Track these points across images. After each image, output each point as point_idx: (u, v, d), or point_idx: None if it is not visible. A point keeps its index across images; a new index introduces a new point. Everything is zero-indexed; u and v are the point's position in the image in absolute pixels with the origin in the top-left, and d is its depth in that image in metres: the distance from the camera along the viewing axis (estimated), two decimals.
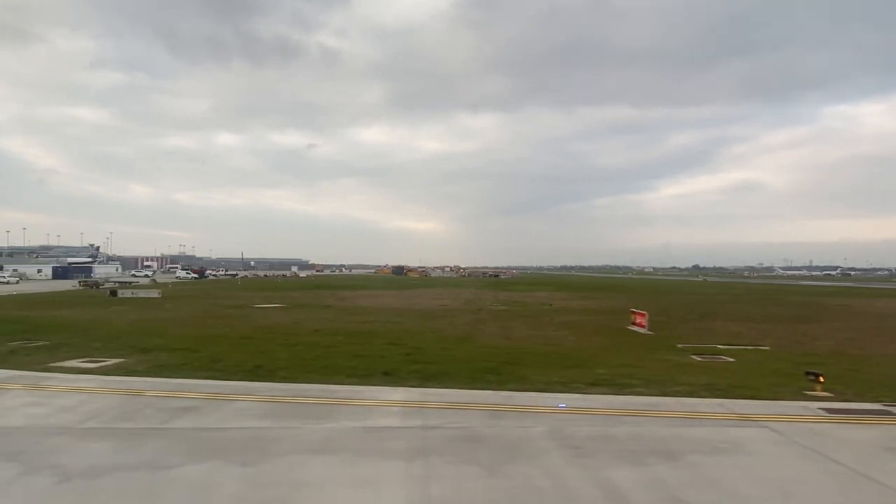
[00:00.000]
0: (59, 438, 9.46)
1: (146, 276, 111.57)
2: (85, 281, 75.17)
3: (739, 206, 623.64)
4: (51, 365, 16.73)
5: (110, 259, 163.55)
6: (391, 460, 8.44)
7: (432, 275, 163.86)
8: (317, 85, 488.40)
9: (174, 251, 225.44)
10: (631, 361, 17.98)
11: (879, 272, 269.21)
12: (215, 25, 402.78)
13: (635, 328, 28.40)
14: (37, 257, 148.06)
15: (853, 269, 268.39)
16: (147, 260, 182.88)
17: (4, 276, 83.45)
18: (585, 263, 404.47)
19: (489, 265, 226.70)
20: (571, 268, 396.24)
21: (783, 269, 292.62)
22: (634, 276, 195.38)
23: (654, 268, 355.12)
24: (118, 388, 13.52)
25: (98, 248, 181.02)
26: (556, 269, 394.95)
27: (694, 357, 19.33)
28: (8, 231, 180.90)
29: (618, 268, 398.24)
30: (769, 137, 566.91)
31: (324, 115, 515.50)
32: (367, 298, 53.19)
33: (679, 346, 21.98)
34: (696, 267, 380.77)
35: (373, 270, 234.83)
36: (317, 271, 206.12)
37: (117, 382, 14.24)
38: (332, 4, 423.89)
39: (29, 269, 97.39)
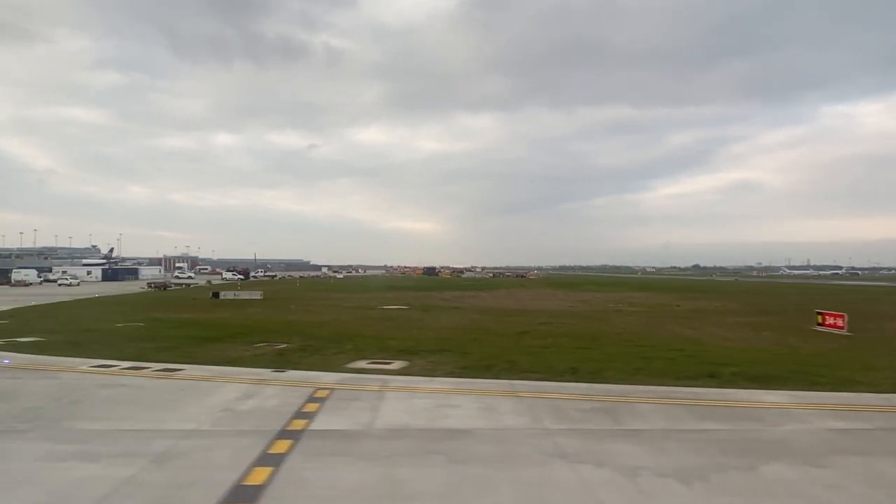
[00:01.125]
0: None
1: (189, 276, 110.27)
2: (153, 283, 74.31)
3: (737, 205, 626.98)
4: (349, 366, 15.92)
5: (124, 259, 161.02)
6: None
7: (464, 275, 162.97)
8: (317, 85, 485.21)
9: (176, 252, 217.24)
10: None
11: (881, 271, 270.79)
12: (216, 25, 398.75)
13: (825, 329, 27.59)
14: (45, 258, 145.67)
15: (853, 268, 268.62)
16: (144, 261, 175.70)
17: (66, 279, 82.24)
18: (584, 263, 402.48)
19: (487, 265, 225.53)
20: (571, 268, 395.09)
21: (788, 268, 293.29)
22: (643, 276, 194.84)
23: (655, 268, 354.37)
24: (522, 392, 12.64)
25: (112, 249, 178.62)
26: (555, 269, 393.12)
27: None
28: (3, 235, 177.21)
29: (617, 267, 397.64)
30: (768, 137, 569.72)
31: (323, 116, 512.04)
32: (471, 299, 52.34)
33: None
34: (696, 266, 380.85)
35: (382, 271, 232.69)
36: (334, 272, 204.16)
37: (493, 385, 13.44)
38: (332, 4, 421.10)
39: (79, 271, 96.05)
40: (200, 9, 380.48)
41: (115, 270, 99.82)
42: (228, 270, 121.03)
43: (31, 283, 77.79)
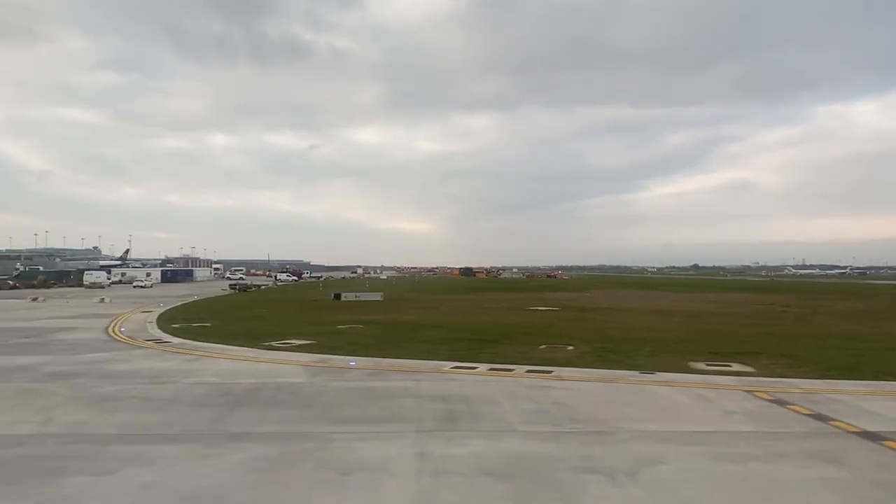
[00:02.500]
0: None
1: (241, 278, 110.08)
2: (237, 284, 74.72)
3: (733, 205, 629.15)
4: (695, 367, 15.97)
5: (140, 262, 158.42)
6: None
7: (501, 276, 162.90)
8: (315, 85, 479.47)
9: (179, 253, 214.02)
10: None
11: (882, 270, 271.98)
12: (214, 23, 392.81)
13: None
14: (57, 260, 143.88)
15: (857, 267, 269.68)
16: (152, 262, 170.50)
17: (142, 281, 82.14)
18: (580, 263, 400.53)
19: (484, 265, 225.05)
20: (569, 268, 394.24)
21: (793, 267, 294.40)
22: (655, 276, 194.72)
23: (656, 268, 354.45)
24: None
25: (128, 250, 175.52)
26: (552, 269, 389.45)
27: None
28: (10, 237, 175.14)
29: (617, 267, 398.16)
30: (765, 136, 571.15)
31: (321, 116, 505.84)
32: (591, 299, 52.59)
33: None
34: (696, 266, 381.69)
35: (393, 272, 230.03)
36: (352, 273, 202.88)
37: None
38: (327, 3, 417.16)
39: (138, 273, 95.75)
40: (196, 7, 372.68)
41: (174, 272, 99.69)
42: (282, 272, 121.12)
43: (105, 286, 77.61)
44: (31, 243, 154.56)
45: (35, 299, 48.78)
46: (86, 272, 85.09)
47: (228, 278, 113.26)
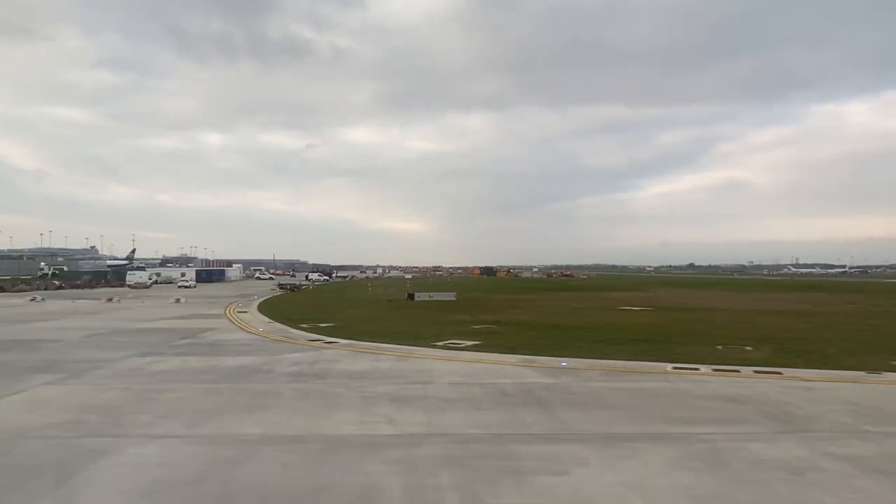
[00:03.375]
0: None
1: (270, 277, 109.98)
2: (285, 284, 74.73)
3: (726, 204, 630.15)
4: None
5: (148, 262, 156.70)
6: None
7: (522, 275, 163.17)
8: (312, 85, 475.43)
9: (176, 252, 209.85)
10: None
11: (879, 269, 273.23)
12: (212, 23, 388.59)
13: None
14: (65, 260, 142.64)
15: (857, 266, 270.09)
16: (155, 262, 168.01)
17: (186, 281, 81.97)
18: (574, 263, 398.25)
19: (479, 264, 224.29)
20: (567, 267, 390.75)
21: (794, 266, 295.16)
22: (664, 275, 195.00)
23: (653, 267, 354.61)
24: None
25: (134, 250, 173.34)
26: (547, 268, 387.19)
27: None
28: (10, 237, 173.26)
29: (614, 267, 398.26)
30: (758, 136, 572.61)
31: (318, 115, 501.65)
32: (661, 300, 52.76)
33: None
34: (692, 265, 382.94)
35: (397, 272, 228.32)
36: (361, 272, 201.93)
37: None
38: (331, 3, 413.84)
39: (174, 273, 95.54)
40: (195, 5, 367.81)
41: (210, 272, 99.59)
42: (313, 272, 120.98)
43: (149, 286, 77.36)
44: (29, 243, 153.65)
45: (110, 300, 48.55)
46: (128, 273, 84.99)
47: (258, 278, 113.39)
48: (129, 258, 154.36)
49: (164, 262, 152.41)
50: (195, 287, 78.25)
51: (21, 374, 15.34)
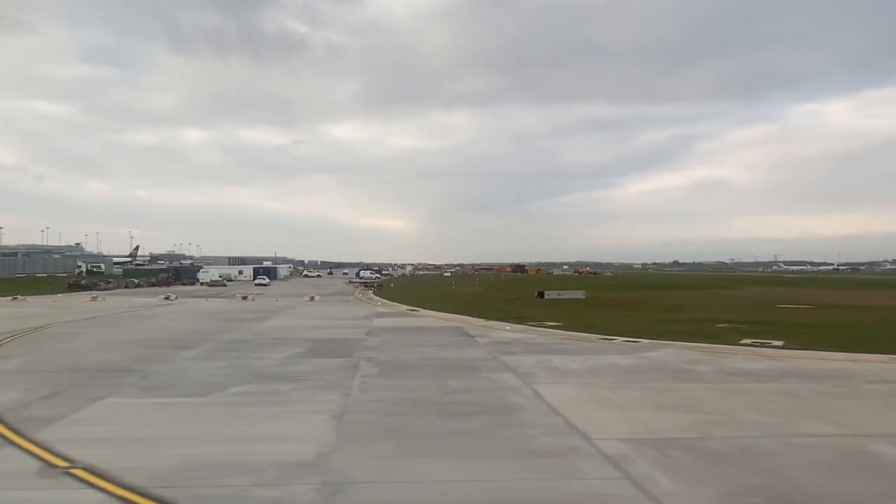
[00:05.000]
0: None
1: (318, 275, 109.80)
2: (366, 281, 75.05)
3: (707, 202, 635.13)
4: None
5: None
6: None
7: (553, 273, 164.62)
8: (299, 81, 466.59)
9: (161, 250, 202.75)
10: None
11: (863, 265, 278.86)
12: (203, 17, 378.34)
13: None
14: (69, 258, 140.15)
15: (847, 264, 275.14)
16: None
17: (265, 279, 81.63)
18: (558, 260, 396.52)
19: (465, 262, 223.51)
20: (553, 265, 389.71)
21: (785, 263, 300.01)
22: (670, 272, 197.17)
23: (642, 264, 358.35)
24: None
25: (138, 247, 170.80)
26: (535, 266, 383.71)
27: None
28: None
29: (598, 264, 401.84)
30: (739, 134, 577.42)
31: (301, 112, 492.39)
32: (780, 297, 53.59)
33: None
34: (676, 263, 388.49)
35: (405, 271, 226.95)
36: (402, 271, 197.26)
37: None
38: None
39: (231, 271, 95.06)
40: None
41: (266, 270, 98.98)
42: (364, 269, 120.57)
43: (227, 284, 77.01)
44: (14, 240, 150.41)
45: (245, 298, 48.61)
46: (201, 271, 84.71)
47: (307, 275, 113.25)
48: (133, 255, 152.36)
49: (154, 259, 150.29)
50: (270, 285, 78.01)
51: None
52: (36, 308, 39.32)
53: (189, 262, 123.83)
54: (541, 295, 49.79)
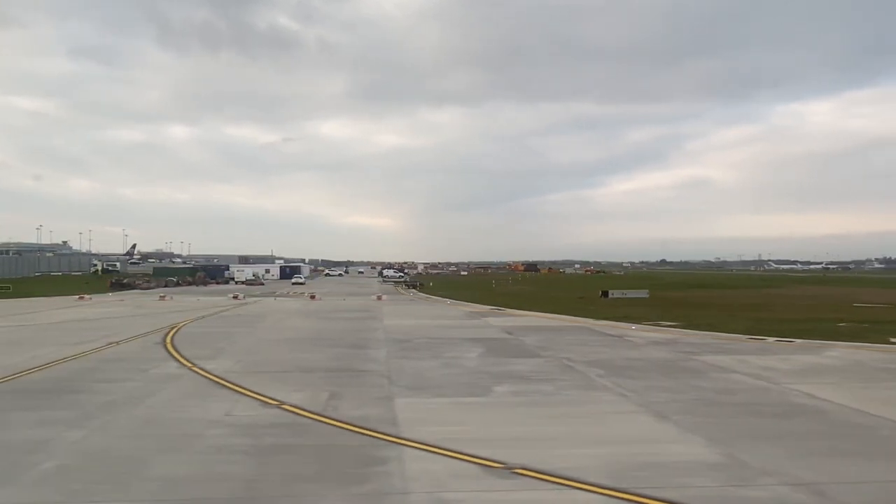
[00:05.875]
0: None
1: (339, 274, 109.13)
2: (403, 280, 75.09)
3: (693, 201, 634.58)
4: None
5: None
6: None
7: (566, 272, 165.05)
8: (286, 78, 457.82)
9: (150, 248, 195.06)
10: None
11: (851, 265, 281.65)
12: (191, 13, 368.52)
13: None
14: (134, 257, 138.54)
15: (837, 262, 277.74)
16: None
17: (301, 279, 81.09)
18: (545, 259, 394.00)
19: (452, 261, 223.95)
20: (542, 263, 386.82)
21: (775, 262, 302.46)
22: (666, 271, 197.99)
23: (632, 262, 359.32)
24: None
25: (135, 245, 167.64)
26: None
27: None
28: None
29: (587, 263, 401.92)
30: (724, 134, 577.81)
31: (287, 109, 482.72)
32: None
33: None
34: (663, 262, 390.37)
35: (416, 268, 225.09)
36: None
37: None
38: None
39: (258, 270, 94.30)
40: None
41: (292, 269, 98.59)
42: (387, 268, 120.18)
43: (264, 283, 76.51)
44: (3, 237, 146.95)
45: (313, 297, 48.28)
46: (237, 270, 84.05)
47: (328, 275, 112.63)
48: (130, 253, 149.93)
49: (144, 258, 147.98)
50: (305, 284, 77.57)
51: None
52: (116, 307, 38.82)
53: (214, 261, 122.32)
54: (605, 294, 49.89)
